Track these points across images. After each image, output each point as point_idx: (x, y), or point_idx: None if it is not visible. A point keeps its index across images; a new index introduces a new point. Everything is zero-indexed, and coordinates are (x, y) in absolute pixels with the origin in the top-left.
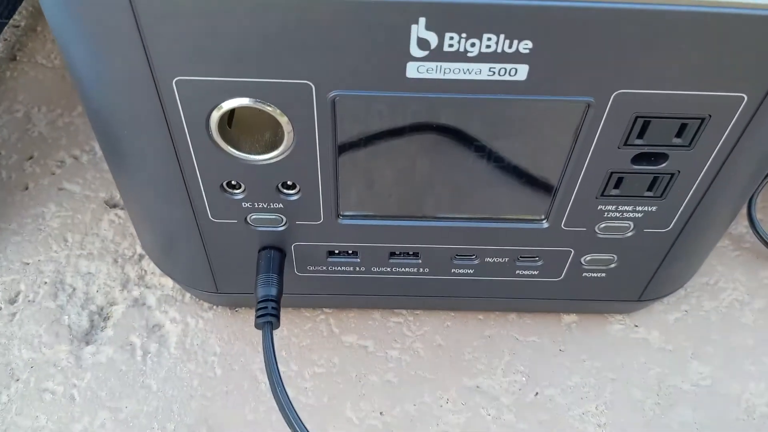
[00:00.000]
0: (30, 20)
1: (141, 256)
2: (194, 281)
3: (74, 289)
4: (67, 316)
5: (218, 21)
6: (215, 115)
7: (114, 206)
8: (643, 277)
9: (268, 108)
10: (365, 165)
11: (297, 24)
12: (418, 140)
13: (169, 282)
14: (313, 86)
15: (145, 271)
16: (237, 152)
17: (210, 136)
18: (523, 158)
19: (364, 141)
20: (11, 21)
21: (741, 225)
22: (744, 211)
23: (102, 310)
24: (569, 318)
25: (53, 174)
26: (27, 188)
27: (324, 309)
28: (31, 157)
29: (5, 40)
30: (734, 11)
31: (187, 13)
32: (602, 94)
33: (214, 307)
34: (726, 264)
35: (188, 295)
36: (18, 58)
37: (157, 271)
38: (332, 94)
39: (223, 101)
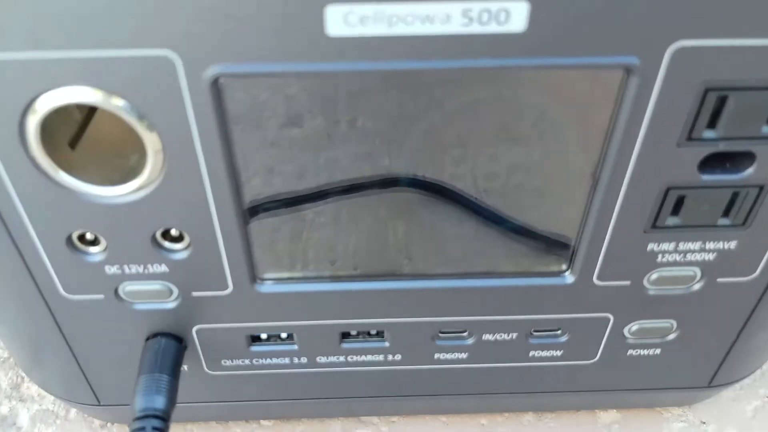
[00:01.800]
0: None
1: None
2: (68, 392)
3: None
4: None
5: None
6: (32, 120)
7: None
8: (716, 353)
9: (111, 104)
10: (286, 195)
11: None
12: (364, 147)
13: None
14: (178, 60)
15: (23, 377)
16: (77, 182)
17: (30, 157)
18: (529, 172)
19: (277, 153)
20: None
21: None
22: None
23: None
24: (608, 416)
25: None
26: None
27: (261, 422)
28: None
29: None
30: None
31: None
32: (651, 52)
33: (107, 424)
34: None
35: (74, 409)
36: None
37: None
38: (211, 71)
39: (40, 94)
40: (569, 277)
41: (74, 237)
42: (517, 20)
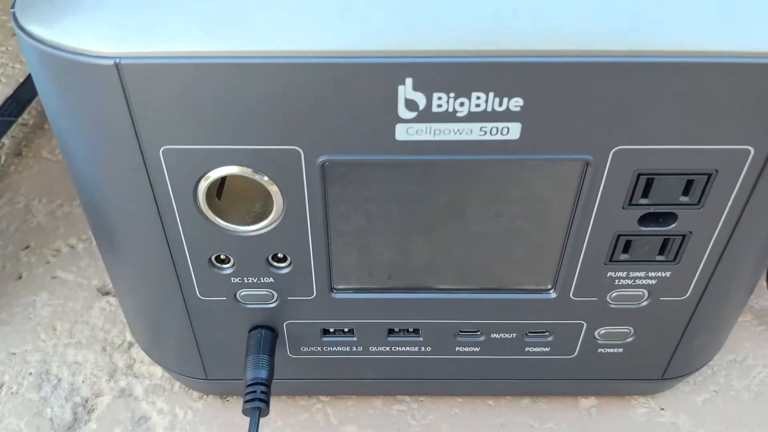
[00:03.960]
0: (38, 119)
1: (130, 344)
2: (183, 367)
3: (59, 380)
4: (50, 409)
5: (204, 90)
6: (203, 185)
7: (106, 293)
8: (665, 352)
9: (257, 176)
10: (358, 235)
11: (282, 89)
12: (413, 207)
13: (158, 371)
14: (301, 152)
15: (134, 359)
16: (225, 223)
17: (198, 207)
18: (524, 223)
19: (356, 209)
20: (20, 119)
21: (763, 299)
22: (765, 284)
23: (87, 401)
24: (588, 402)
25: (48, 263)
26: (20, 277)
27: (320, 397)
28: (27, 247)
29: (12, 137)
30: (735, 60)
31: (173, 82)
32: (600, 152)
33: (204, 396)
34: (752, 340)
35: (177, 384)
36: (23, 153)
37: (146, 359)
38: (321, 159)
39: (211, 170)
40: (553, 294)
41: (213, 258)
42: (514, 132)
